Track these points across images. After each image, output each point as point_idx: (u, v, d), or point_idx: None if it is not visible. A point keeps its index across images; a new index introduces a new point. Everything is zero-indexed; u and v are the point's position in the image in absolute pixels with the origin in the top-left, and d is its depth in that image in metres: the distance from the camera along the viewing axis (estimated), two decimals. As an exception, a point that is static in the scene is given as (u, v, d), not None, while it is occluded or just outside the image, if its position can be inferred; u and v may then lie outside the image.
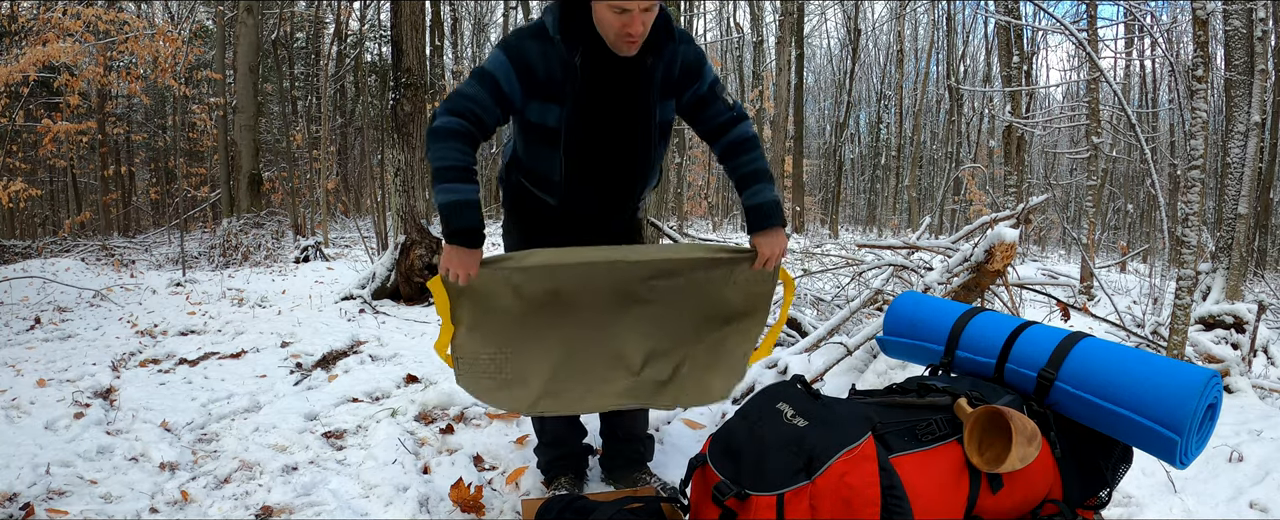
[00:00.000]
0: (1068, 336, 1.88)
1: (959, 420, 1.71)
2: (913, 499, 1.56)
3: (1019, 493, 1.73)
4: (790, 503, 1.49)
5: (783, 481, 1.51)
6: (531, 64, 2.86)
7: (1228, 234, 8.69)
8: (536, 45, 2.87)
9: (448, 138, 2.83)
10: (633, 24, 2.72)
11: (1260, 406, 5.81)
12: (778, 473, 1.53)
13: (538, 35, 2.89)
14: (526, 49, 2.87)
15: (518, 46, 2.89)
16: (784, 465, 1.52)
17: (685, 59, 3.10)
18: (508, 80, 2.87)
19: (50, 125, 16.16)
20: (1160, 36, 16.90)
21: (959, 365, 2.08)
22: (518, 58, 2.86)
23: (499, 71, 2.88)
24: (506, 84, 2.87)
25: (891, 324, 2.26)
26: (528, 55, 2.86)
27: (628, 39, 2.80)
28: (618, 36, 2.80)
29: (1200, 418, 1.65)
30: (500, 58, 2.90)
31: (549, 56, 2.86)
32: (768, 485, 1.53)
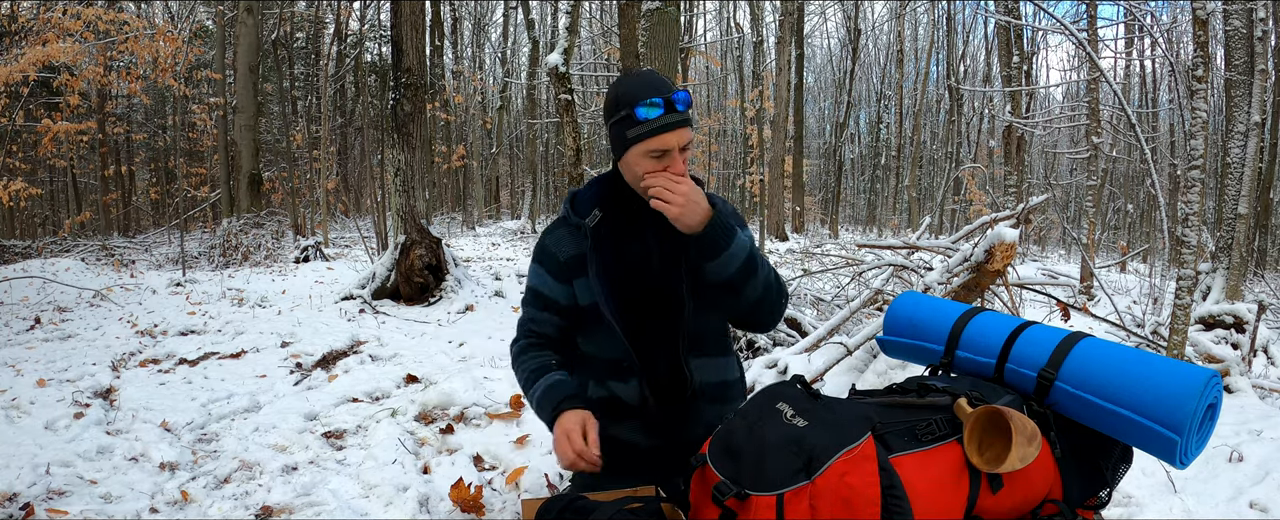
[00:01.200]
0: (1067, 336, 1.88)
1: (959, 420, 1.70)
2: (913, 499, 1.56)
3: (1019, 493, 1.73)
4: (790, 503, 1.49)
5: (783, 481, 1.51)
6: (553, 249, 2.67)
7: (1228, 234, 8.69)
8: (556, 232, 2.71)
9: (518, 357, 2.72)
10: (676, 167, 2.43)
11: (1260, 406, 5.81)
12: (777, 472, 1.52)
13: (556, 224, 2.74)
14: (545, 241, 2.72)
15: (539, 246, 2.75)
16: (784, 465, 1.52)
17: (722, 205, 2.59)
18: (541, 278, 2.72)
19: (50, 125, 16.13)
20: (1160, 36, 16.92)
21: (959, 365, 2.08)
22: (541, 253, 2.73)
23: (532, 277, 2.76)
24: (543, 283, 2.71)
25: (891, 324, 2.25)
26: (548, 245, 2.70)
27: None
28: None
29: (1200, 418, 1.65)
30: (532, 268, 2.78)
31: (568, 234, 2.67)
32: (767, 485, 1.53)
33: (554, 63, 10.63)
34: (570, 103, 10.71)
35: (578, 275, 2.64)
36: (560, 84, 10.66)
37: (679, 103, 2.38)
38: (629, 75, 2.49)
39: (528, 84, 30.79)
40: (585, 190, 2.73)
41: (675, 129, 2.38)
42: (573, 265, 2.64)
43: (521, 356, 2.71)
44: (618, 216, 2.63)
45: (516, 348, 2.76)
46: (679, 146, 2.40)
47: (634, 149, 2.43)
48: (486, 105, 39.76)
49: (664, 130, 2.37)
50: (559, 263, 2.66)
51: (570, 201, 2.71)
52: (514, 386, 6.30)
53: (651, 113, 2.36)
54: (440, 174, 34.27)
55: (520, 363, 2.70)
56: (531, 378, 2.62)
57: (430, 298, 10.45)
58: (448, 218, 32.34)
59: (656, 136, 2.38)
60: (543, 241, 2.73)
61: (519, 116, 39.29)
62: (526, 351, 2.72)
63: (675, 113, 2.38)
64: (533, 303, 2.75)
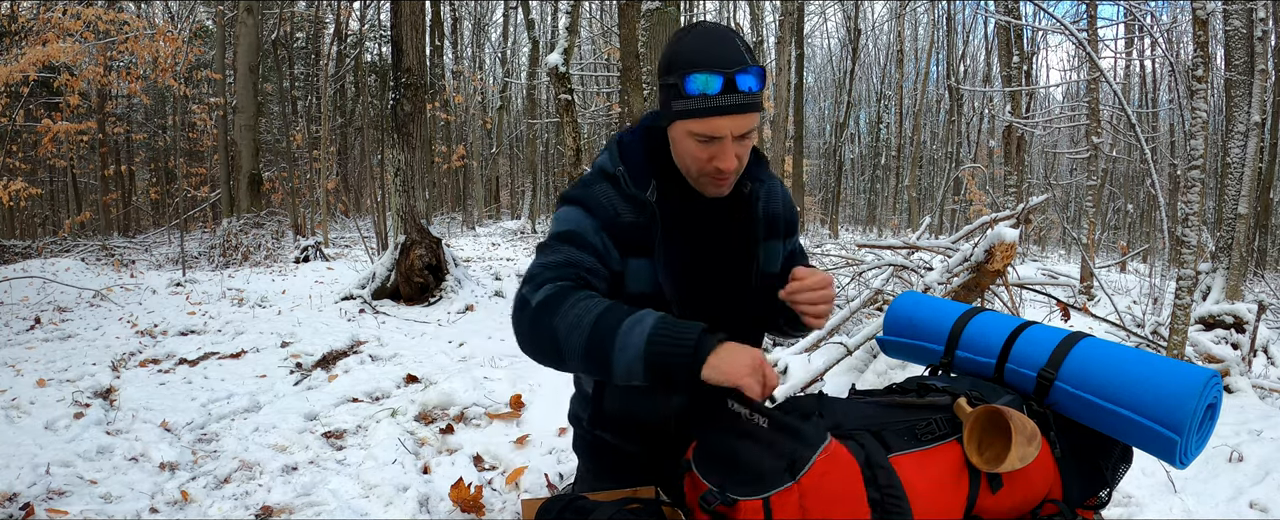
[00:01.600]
0: (1067, 336, 1.88)
1: (958, 420, 1.71)
2: (912, 498, 1.56)
3: (1019, 493, 1.73)
4: (777, 505, 1.49)
5: (769, 484, 1.51)
6: (609, 205, 2.05)
7: (1228, 234, 8.69)
8: (604, 186, 2.08)
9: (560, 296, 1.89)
10: (724, 157, 1.93)
11: (1260, 406, 5.81)
12: (762, 475, 1.53)
13: (600, 176, 2.12)
14: (595, 192, 2.07)
15: (584, 192, 2.09)
16: (768, 467, 1.53)
17: (785, 196, 2.31)
18: (591, 228, 2.03)
19: (50, 125, 16.16)
20: (1160, 36, 16.93)
21: (959, 365, 2.08)
22: (590, 200, 2.06)
23: (575, 222, 2.06)
24: (593, 235, 2.03)
25: (891, 324, 2.25)
26: (600, 197, 2.06)
27: (716, 178, 2.00)
28: (702, 174, 2.01)
29: (1200, 418, 1.65)
30: (569, 211, 2.09)
31: (623, 197, 2.06)
32: (753, 489, 1.53)
33: (554, 63, 10.65)
34: (570, 103, 10.72)
35: (635, 253, 2.05)
36: (560, 84, 10.67)
37: (744, 82, 1.85)
38: (695, 30, 1.93)
39: (528, 84, 30.82)
40: (634, 142, 2.14)
41: (732, 114, 1.87)
42: (632, 237, 2.05)
43: (570, 294, 1.89)
44: (680, 190, 2.10)
45: (552, 288, 1.91)
46: (734, 135, 1.90)
47: (678, 125, 1.95)
48: (486, 105, 39.77)
49: (716, 114, 1.87)
50: (618, 223, 2.04)
51: (619, 154, 2.11)
52: (514, 386, 6.29)
53: (702, 88, 1.85)
54: (440, 174, 34.28)
55: (572, 300, 1.87)
56: (606, 321, 1.78)
57: (430, 298, 10.45)
58: (448, 218, 32.36)
59: (705, 119, 1.88)
60: (590, 192, 2.08)
61: (519, 116, 39.31)
62: (576, 290, 1.91)
63: (736, 93, 1.85)
64: (582, 245, 2.02)
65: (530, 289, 1.94)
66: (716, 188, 2.05)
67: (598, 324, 1.78)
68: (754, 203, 2.17)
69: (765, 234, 2.21)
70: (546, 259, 2.00)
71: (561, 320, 1.83)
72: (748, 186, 2.15)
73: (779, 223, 2.27)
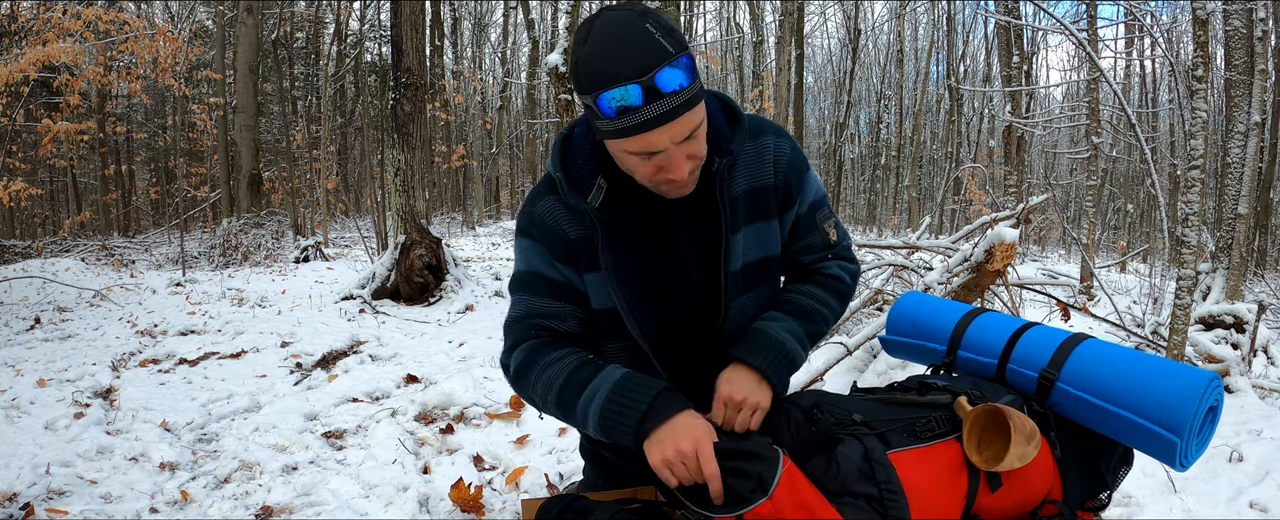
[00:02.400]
0: (1069, 338, 1.89)
1: (959, 418, 1.71)
2: (910, 494, 1.57)
3: (1018, 492, 1.73)
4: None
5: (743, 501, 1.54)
6: (552, 224, 1.94)
7: (1228, 234, 8.69)
8: (546, 202, 1.95)
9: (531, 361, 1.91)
10: (673, 167, 1.71)
11: (1260, 406, 5.81)
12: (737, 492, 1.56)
13: (544, 191, 1.97)
14: (539, 213, 1.95)
15: (528, 215, 1.98)
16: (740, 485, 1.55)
17: (778, 157, 2.01)
18: (542, 259, 1.96)
19: (50, 125, 16.15)
20: (1160, 36, 16.94)
21: (960, 365, 2.09)
22: (535, 226, 1.96)
23: (528, 258, 2.00)
24: (547, 266, 1.96)
25: (894, 323, 2.26)
26: (542, 217, 1.95)
27: (670, 184, 1.79)
28: (654, 182, 1.80)
29: (1201, 420, 1.65)
30: (520, 244, 2.01)
31: (564, 208, 1.94)
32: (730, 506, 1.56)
33: (554, 62, 10.63)
34: (570, 103, 10.71)
35: (589, 267, 1.93)
36: (560, 84, 10.66)
37: (668, 81, 1.59)
38: (594, 28, 1.63)
39: (528, 84, 30.83)
40: (581, 138, 1.94)
41: (664, 123, 1.62)
42: (582, 250, 1.92)
43: (537, 358, 1.90)
44: (628, 190, 1.90)
45: (522, 353, 1.93)
46: (676, 141, 1.67)
47: (611, 144, 1.74)
48: (486, 105, 39.79)
49: (645, 129, 1.62)
50: (566, 242, 1.92)
51: (562, 157, 1.92)
52: (514, 386, 6.29)
53: (619, 104, 1.60)
54: (440, 174, 34.29)
55: (538, 366, 1.88)
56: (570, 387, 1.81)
57: (430, 298, 10.45)
58: (448, 218, 32.34)
59: (636, 137, 1.65)
60: (534, 211, 1.96)
61: (519, 116, 39.34)
62: (543, 351, 1.91)
63: (661, 98, 1.59)
64: (536, 290, 1.97)
65: (505, 351, 2.00)
66: (679, 190, 1.82)
67: (560, 399, 1.83)
68: (719, 185, 1.89)
69: (746, 217, 1.97)
70: (510, 312, 2.02)
71: (534, 391, 1.89)
72: (715, 164, 1.87)
73: (767, 196, 2.00)
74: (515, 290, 2.02)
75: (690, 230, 1.96)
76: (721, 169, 1.88)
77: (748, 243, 1.99)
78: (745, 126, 1.94)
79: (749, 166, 1.97)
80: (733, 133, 1.92)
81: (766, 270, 2.04)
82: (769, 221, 2.02)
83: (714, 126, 1.89)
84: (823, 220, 2.12)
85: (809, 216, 2.09)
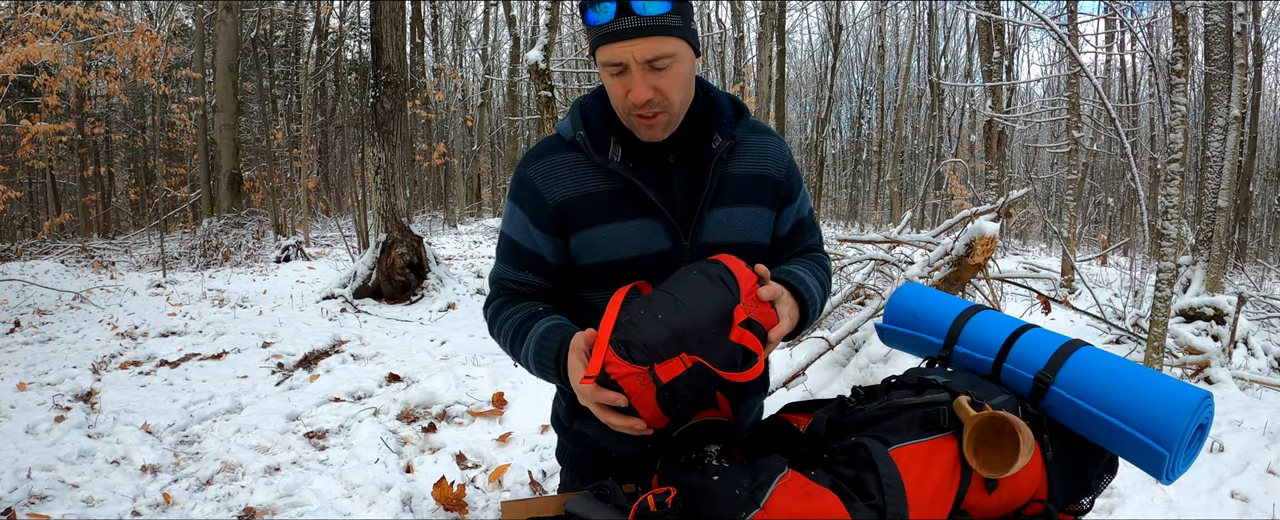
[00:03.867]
0: (1068, 343, 1.90)
1: (954, 416, 1.72)
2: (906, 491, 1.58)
3: (1007, 492, 1.75)
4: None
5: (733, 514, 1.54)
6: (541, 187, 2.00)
7: (1208, 227, 8.73)
8: (543, 162, 2.02)
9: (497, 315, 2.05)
10: (636, 89, 1.82)
11: (1240, 397, 5.84)
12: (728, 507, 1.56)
13: (544, 151, 2.05)
14: (530, 175, 2.02)
15: (519, 178, 2.06)
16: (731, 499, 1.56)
17: (780, 156, 2.13)
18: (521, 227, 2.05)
19: (29, 126, 16.05)
20: (1140, 31, 17.01)
21: (956, 360, 2.09)
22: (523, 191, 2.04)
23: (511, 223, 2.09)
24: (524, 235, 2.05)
25: (892, 313, 2.26)
26: (534, 179, 2.01)
27: (642, 114, 1.88)
28: (624, 110, 1.91)
29: (1190, 436, 1.67)
30: (507, 209, 2.12)
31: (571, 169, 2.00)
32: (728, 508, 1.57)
33: (534, 59, 10.63)
34: (551, 99, 10.71)
35: (578, 226, 1.99)
36: (541, 80, 10.66)
37: (640, 7, 1.76)
38: None
39: (509, 81, 30.79)
40: (593, 103, 2.05)
41: (629, 38, 1.77)
42: (570, 211, 1.98)
43: (499, 313, 2.05)
44: (641, 147, 2.00)
45: (492, 308, 2.09)
46: (639, 60, 1.79)
47: (595, 58, 1.89)
48: (467, 102, 39.71)
49: (612, 40, 1.78)
50: (547, 208, 1.99)
51: (581, 114, 2.02)
52: (496, 384, 6.29)
53: (599, 16, 1.78)
54: (421, 172, 34.20)
55: (501, 319, 2.03)
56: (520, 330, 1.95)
57: (412, 296, 10.43)
58: (429, 216, 32.29)
59: (605, 47, 1.81)
60: (526, 174, 2.03)
61: (500, 113, 39.22)
62: (504, 306, 2.05)
63: (630, 15, 1.76)
64: (510, 258, 2.09)
65: (484, 306, 2.19)
66: (647, 129, 1.91)
67: (512, 350, 2.02)
68: (714, 162, 1.99)
69: (737, 198, 2.04)
70: (492, 271, 2.20)
71: (501, 342, 2.05)
72: (717, 142, 2.00)
73: (768, 186, 2.10)
74: (499, 255, 2.17)
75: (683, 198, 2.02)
76: (721, 149, 1.99)
77: (732, 222, 2.05)
78: (750, 121, 2.08)
79: (753, 154, 2.08)
80: (738, 123, 2.05)
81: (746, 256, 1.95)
82: (763, 208, 2.10)
83: (722, 114, 2.04)
84: (815, 224, 2.30)
85: (810, 219, 2.25)
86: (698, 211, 1.99)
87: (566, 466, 2.34)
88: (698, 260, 1.89)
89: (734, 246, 1.99)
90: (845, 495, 1.55)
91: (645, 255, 1.99)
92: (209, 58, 21.81)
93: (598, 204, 1.98)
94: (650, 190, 1.95)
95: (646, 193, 1.94)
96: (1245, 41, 9.09)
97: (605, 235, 1.98)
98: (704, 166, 2.00)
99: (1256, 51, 15.34)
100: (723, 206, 2.02)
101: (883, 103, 38.05)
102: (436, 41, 36.56)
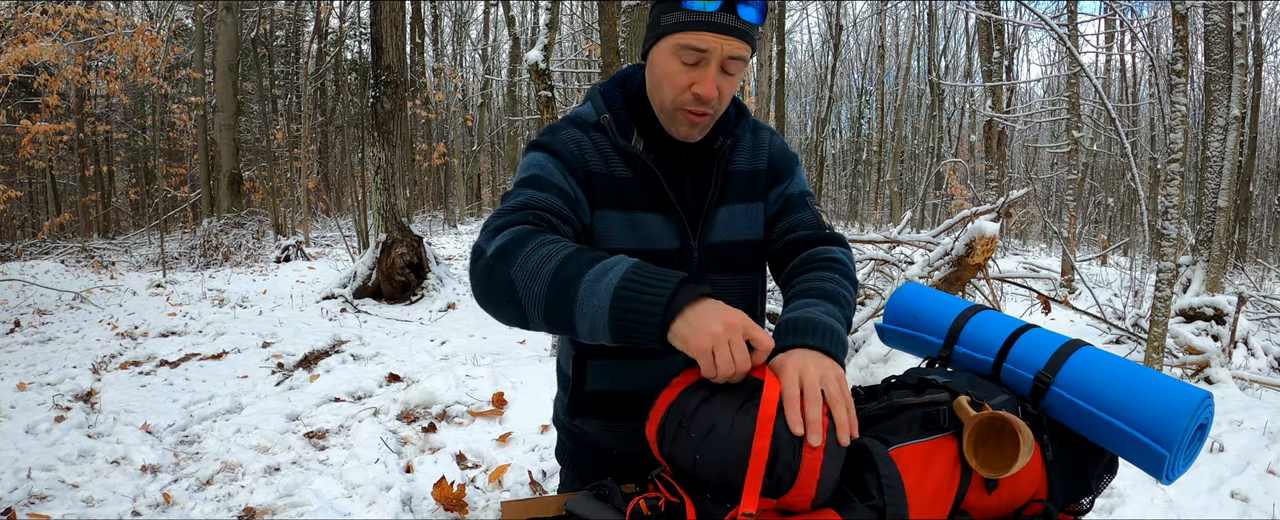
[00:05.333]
0: (1068, 343, 1.89)
1: (954, 416, 1.72)
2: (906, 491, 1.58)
3: (1007, 492, 1.74)
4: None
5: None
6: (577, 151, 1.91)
7: (1208, 227, 8.73)
8: (573, 133, 1.94)
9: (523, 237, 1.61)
10: (704, 82, 1.78)
11: (1240, 397, 5.84)
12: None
13: (574, 123, 1.97)
14: (562, 138, 1.92)
15: (550, 138, 1.94)
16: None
17: (771, 146, 2.14)
18: (557, 171, 1.87)
19: (29, 126, 16.04)
20: (1140, 31, 17.00)
21: (956, 360, 2.09)
22: (556, 144, 1.91)
23: (539, 165, 1.90)
24: (560, 178, 1.87)
25: (892, 313, 2.26)
26: (568, 143, 1.91)
27: (694, 110, 1.84)
28: (677, 106, 1.84)
29: (1191, 436, 1.67)
30: (533, 155, 1.93)
31: (596, 148, 1.93)
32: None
33: (534, 59, 10.62)
34: (551, 99, 10.70)
35: (600, 204, 1.91)
36: (541, 81, 10.64)
37: (744, 9, 1.75)
38: None
39: (508, 81, 30.78)
40: (612, 90, 2.02)
41: (726, 33, 1.75)
42: (596, 185, 1.91)
43: (534, 235, 1.62)
44: (659, 142, 1.96)
45: (514, 231, 1.64)
46: (721, 59, 1.77)
47: (665, 41, 1.82)
48: (467, 102, 39.70)
49: (709, 28, 1.74)
50: (582, 170, 1.90)
51: (605, 102, 1.98)
52: (496, 384, 6.28)
53: (704, 4, 1.73)
54: (421, 172, 34.19)
55: (535, 242, 1.59)
56: (574, 258, 1.52)
57: (412, 296, 10.43)
58: (429, 216, 32.28)
59: (696, 32, 1.75)
60: (557, 137, 1.93)
61: (500, 114, 39.22)
62: (541, 232, 1.65)
63: (732, 14, 1.74)
64: (545, 188, 1.83)
65: (485, 237, 1.69)
66: (690, 126, 1.87)
67: (560, 270, 1.51)
68: (716, 160, 1.98)
69: (738, 195, 2.04)
70: (504, 204, 1.79)
71: (520, 269, 1.55)
72: (719, 141, 1.99)
73: (759, 179, 2.09)
74: (520, 186, 1.85)
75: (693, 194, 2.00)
76: (723, 147, 1.99)
77: (733, 220, 2.04)
78: (749, 120, 2.11)
79: (748, 151, 2.09)
80: (738, 122, 2.07)
81: (746, 254, 2.06)
82: (756, 203, 2.10)
83: (726, 114, 2.03)
84: (812, 203, 2.16)
85: (799, 197, 2.14)
86: (705, 210, 1.99)
87: (566, 465, 2.29)
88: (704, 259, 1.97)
89: (740, 245, 2.05)
90: (843, 498, 1.55)
91: (653, 250, 1.93)
92: (209, 58, 21.81)
93: (619, 188, 1.93)
94: (666, 184, 1.93)
95: (663, 184, 1.92)
96: (1245, 41, 9.09)
97: (620, 222, 1.93)
98: (709, 164, 1.99)
99: (1256, 51, 15.34)
100: (727, 204, 2.03)
101: (883, 103, 38.04)
102: (436, 41, 36.56)
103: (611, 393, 2.05)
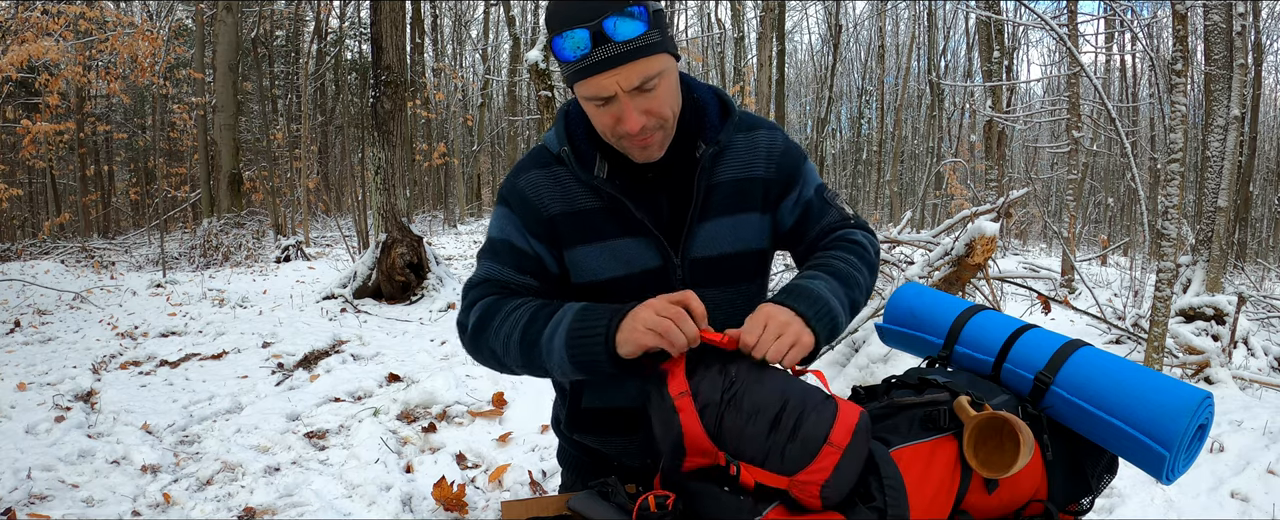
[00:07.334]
0: (1068, 343, 1.89)
1: (954, 416, 1.72)
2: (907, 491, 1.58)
3: (1007, 492, 1.74)
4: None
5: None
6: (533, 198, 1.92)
7: (1208, 227, 8.73)
8: (533, 176, 1.94)
9: (491, 310, 1.86)
10: (626, 118, 1.72)
11: (1240, 397, 5.84)
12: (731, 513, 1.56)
13: (531, 164, 1.97)
14: (520, 185, 1.94)
15: (511, 186, 1.97)
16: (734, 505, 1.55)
17: (770, 150, 2.02)
18: (516, 231, 1.94)
19: (29, 126, 16.04)
20: (1140, 31, 17.01)
21: (956, 360, 2.09)
22: (515, 197, 1.94)
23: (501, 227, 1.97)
24: (519, 238, 1.93)
25: (892, 313, 2.25)
26: (524, 190, 1.93)
27: (632, 141, 1.79)
28: (615, 136, 1.81)
29: (1191, 437, 1.66)
30: (496, 213, 2.00)
31: (556, 185, 1.92)
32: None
33: (534, 59, 10.63)
34: (551, 99, 10.71)
35: (568, 244, 1.91)
36: (541, 80, 10.65)
37: (617, 29, 1.64)
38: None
39: (509, 81, 30.80)
40: (577, 114, 1.95)
41: (610, 68, 1.66)
42: (561, 226, 1.91)
43: (500, 306, 1.85)
44: (625, 166, 1.90)
45: (482, 306, 1.87)
46: (625, 89, 1.68)
47: (574, 89, 1.76)
48: (468, 102, 39.70)
49: (593, 73, 1.67)
50: (541, 219, 1.91)
51: (566, 127, 1.93)
52: (496, 384, 6.29)
53: (572, 50, 1.66)
54: (421, 172, 34.18)
55: (502, 313, 1.83)
56: (532, 325, 1.76)
57: (412, 296, 10.43)
58: (429, 216, 32.29)
59: (586, 81, 1.69)
60: (516, 184, 1.95)
61: (500, 114, 39.20)
62: (504, 300, 1.87)
63: (608, 43, 1.64)
64: (508, 258, 1.94)
65: (463, 311, 1.93)
66: (641, 151, 1.82)
67: (524, 337, 1.76)
68: (698, 172, 1.90)
69: (725, 208, 1.96)
70: (472, 276, 1.97)
71: (495, 340, 1.82)
72: (701, 150, 1.90)
73: (754, 189, 1.99)
74: (482, 257, 1.99)
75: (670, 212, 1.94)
76: (705, 157, 1.89)
77: (721, 233, 1.97)
78: (736, 119, 1.96)
79: (739, 158, 1.97)
80: (723, 125, 1.94)
81: (741, 266, 2.00)
82: (750, 214, 2.00)
83: (706, 117, 1.93)
84: (832, 199, 2.10)
85: (818, 197, 2.08)
86: (686, 227, 1.92)
87: (567, 468, 2.29)
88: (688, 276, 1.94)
89: (727, 259, 1.98)
90: (846, 501, 1.55)
91: (632, 274, 1.93)
92: (209, 58, 21.81)
93: (586, 222, 1.91)
94: (637, 208, 1.87)
95: (633, 211, 1.87)
96: (1245, 41, 9.09)
97: (594, 254, 1.92)
98: (688, 178, 1.91)
99: (1256, 51, 15.35)
100: (711, 219, 1.95)
101: (883, 103, 38.02)
102: (436, 41, 36.54)
103: (605, 409, 2.06)
